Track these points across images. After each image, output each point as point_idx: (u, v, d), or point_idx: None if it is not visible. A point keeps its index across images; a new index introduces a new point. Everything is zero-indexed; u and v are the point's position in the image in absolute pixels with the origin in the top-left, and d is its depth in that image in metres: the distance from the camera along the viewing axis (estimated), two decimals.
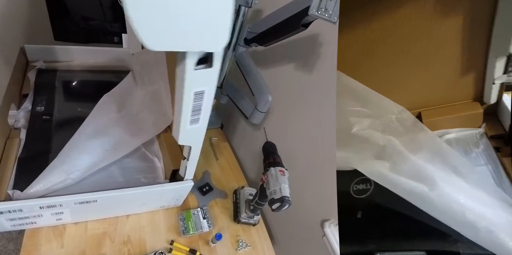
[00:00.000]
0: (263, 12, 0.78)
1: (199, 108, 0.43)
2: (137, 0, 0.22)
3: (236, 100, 0.77)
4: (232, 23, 0.75)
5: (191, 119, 0.44)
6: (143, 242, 0.59)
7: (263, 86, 0.65)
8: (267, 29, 0.61)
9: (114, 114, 0.69)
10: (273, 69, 0.76)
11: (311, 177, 0.66)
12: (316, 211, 0.64)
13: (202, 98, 0.41)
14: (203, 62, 0.36)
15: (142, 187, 0.56)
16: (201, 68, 0.36)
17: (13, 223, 0.51)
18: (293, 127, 0.71)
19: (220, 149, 0.91)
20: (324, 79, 0.60)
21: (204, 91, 0.40)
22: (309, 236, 0.67)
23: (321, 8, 0.42)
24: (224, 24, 0.28)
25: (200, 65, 0.35)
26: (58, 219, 0.54)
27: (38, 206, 0.49)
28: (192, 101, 0.40)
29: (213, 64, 0.36)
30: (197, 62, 0.35)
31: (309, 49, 0.62)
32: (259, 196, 0.63)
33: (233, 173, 0.84)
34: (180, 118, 0.43)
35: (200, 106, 0.42)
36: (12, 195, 0.50)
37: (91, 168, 0.56)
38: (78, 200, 0.51)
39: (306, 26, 0.53)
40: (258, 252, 0.67)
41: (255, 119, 0.68)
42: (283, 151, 0.64)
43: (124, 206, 0.60)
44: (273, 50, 0.75)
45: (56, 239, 0.55)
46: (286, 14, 0.54)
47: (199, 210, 0.67)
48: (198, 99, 0.40)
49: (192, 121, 0.45)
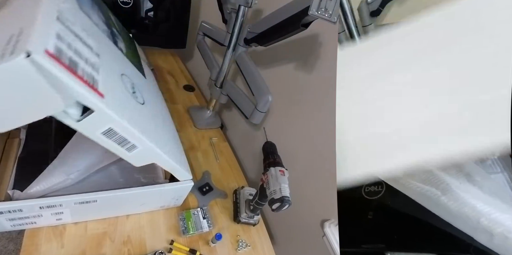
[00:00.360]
0: (263, 12, 0.78)
1: (124, 139, 0.41)
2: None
3: (236, 100, 0.77)
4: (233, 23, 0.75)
5: (126, 148, 0.44)
6: (143, 242, 0.59)
7: (263, 86, 0.65)
8: (267, 29, 0.61)
9: None
10: (273, 69, 0.76)
11: (311, 177, 0.66)
12: (316, 211, 0.64)
13: (116, 132, 0.39)
14: (85, 110, 0.36)
15: (142, 187, 0.56)
16: (84, 117, 0.36)
17: (13, 223, 0.51)
18: (293, 127, 0.71)
19: (220, 149, 0.91)
20: (324, 79, 0.60)
21: (111, 127, 0.39)
22: (309, 236, 0.67)
23: (321, 8, 0.42)
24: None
25: (82, 116, 0.36)
26: (58, 219, 0.54)
27: (38, 206, 0.49)
28: (108, 139, 0.40)
29: (93, 108, 0.35)
30: (80, 113, 0.36)
31: (309, 49, 0.62)
32: (259, 196, 0.63)
33: (233, 173, 0.84)
34: (115, 152, 0.43)
35: (123, 137, 0.41)
36: (12, 195, 0.50)
37: (90, 168, 0.56)
38: (78, 200, 0.51)
39: (306, 26, 0.53)
40: (258, 252, 0.67)
41: (255, 119, 0.68)
42: (283, 151, 0.64)
43: (124, 206, 0.60)
44: (273, 50, 0.75)
45: (56, 239, 0.55)
46: (286, 14, 0.54)
47: (199, 210, 0.67)
48: (113, 135, 0.40)
49: (129, 149, 0.44)
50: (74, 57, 0.35)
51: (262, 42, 0.66)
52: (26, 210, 0.48)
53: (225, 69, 0.81)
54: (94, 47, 0.43)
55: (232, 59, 0.77)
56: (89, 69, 0.37)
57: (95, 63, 0.40)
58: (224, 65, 0.80)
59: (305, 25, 0.52)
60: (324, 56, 0.60)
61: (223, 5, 0.77)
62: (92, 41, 0.43)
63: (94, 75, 0.38)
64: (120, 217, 0.62)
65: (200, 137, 0.92)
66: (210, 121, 0.98)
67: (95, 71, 0.39)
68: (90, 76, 0.37)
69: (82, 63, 0.36)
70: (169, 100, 1.02)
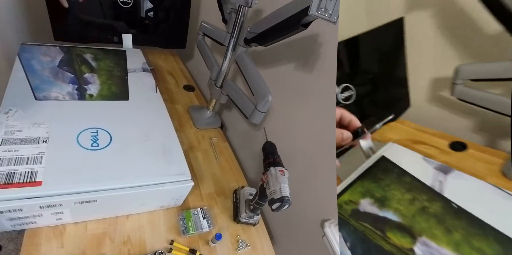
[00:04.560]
0: (263, 12, 0.78)
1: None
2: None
3: (236, 100, 0.77)
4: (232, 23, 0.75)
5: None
6: (143, 242, 0.59)
7: (263, 86, 0.65)
8: (267, 29, 0.61)
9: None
10: (273, 69, 0.76)
11: (311, 176, 0.66)
12: (316, 211, 0.64)
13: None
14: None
15: (142, 187, 0.56)
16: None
17: (13, 223, 0.51)
18: (293, 127, 0.71)
19: (220, 149, 0.91)
20: (324, 79, 0.60)
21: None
22: (309, 236, 0.67)
23: (321, 8, 0.42)
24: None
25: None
26: (58, 219, 0.54)
27: (38, 206, 0.49)
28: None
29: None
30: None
31: (309, 49, 0.62)
32: (259, 196, 0.63)
33: (233, 173, 0.84)
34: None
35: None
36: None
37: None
38: (78, 199, 0.51)
39: (306, 26, 0.53)
40: (258, 252, 0.67)
41: (255, 119, 0.68)
42: (283, 151, 0.64)
43: (124, 206, 0.60)
44: (273, 50, 0.75)
45: (56, 239, 0.55)
46: (286, 14, 0.54)
47: (199, 210, 0.67)
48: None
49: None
50: (9, 170, 0.49)
51: (262, 42, 0.66)
52: (26, 210, 0.48)
53: (225, 69, 0.81)
54: (42, 136, 0.57)
55: (232, 59, 0.77)
56: (27, 169, 0.51)
57: (38, 156, 0.53)
58: (224, 65, 0.80)
59: (305, 25, 0.52)
60: (324, 56, 0.60)
61: (223, 5, 0.77)
62: (41, 129, 0.58)
63: (33, 168, 0.51)
64: (120, 217, 0.62)
65: (200, 137, 0.92)
66: (210, 121, 0.98)
67: (37, 163, 0.52)
68: (28, 174, 0.50)
69: (19, 169, 0.50)
70: (169, 100, 1.02)
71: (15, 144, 0.54)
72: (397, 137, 0.52)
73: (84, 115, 0.66)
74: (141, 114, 0.72)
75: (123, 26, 0.98)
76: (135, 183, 0.56)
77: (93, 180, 0.53)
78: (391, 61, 0.54)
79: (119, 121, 0.67)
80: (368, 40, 0.50)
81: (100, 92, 0.75)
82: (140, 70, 0.89)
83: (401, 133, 0.51)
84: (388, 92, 0.56)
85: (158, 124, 0.71)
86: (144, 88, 0.82)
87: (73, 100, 0.69)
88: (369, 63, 0.54)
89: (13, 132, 0.56)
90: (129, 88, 0.79)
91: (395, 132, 0.52)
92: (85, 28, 0.94)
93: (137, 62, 0.92)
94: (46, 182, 0.50)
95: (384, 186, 0.46)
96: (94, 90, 0.74)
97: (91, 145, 0.59)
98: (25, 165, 0.51)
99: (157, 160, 0.61)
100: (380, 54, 0.54)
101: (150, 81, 0.86)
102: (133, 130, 0.66)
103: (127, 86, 0.80)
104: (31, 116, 0.61)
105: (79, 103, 0.69)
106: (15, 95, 0.64)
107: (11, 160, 0.51)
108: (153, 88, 0.83)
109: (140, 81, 0.84)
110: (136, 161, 0.60)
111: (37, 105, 0.64)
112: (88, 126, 0.63)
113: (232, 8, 0.72)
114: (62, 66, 0.77)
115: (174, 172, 0.60)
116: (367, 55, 0.53)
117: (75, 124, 0.62)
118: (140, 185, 0.56)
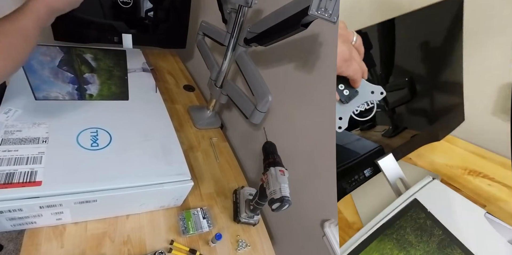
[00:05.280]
0: (263, 12, 0.78)
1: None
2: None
3: (236, 100, 0.77)
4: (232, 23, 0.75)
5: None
6: (143, 242, 0.59)
7: (263, 86, 0.65)
8: (267, 29, 0.61)
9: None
10: (273, 69, 0.76)
11: (311, 176, 0.66)
12: (316, 211, 0.64)
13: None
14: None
15: (142, 187, 0.56)
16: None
17: (13, 223, 0.51)
18: (293, 127, 0.71)
19: (220, 149, 0.91)
20: (324, 79, 0.60)
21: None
22: (309, 236, 0.67)
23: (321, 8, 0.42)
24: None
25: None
26: (58, 219, 0.54)
27: (38, 206, 0.49)
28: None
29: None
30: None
31: (309, 49, 0.62)
32: (259, 196, 0.63)
33: (233, 173, 0.84)
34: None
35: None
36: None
37: None
38: (78, 199, 0.51)
39: (306, 26, 0.53)
40: (258, 252, 0.67)
41: (255, 119, 0.68)
42: (283, 151, 0.64)
43: (124, 206, 0.60)
44: (273, 50, 0.75)
45: (56, 239, 0.55)
46: (286, 14, 0.54)
47: (199, 210, 0.67)
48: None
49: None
50: (9, 170, 0.49)
51: (262, 42, 0.66)
52: (26, 210, 0.48)
53: (225, 69, 0.81)
54: (42, 136, 0.57)
55: (232, 59, 0.77)
56: (27, 169, 0.50)
57: (38, 156, 0.53)
58: (224, 65, 0.80)
59: (305, 25, 0.52)
60: (324, 56, 0.60)
61: (223, 5, 0.77)
62: (41, 129, 0.58)
63: (33, 168, 0.51)
64: (120, 217, 0.62)
65: (200, 137, 0.92)
66: (210, 121, 0.98)
67: (36, 163, 0.52)
68: (27, 174, 0.50)
69: (19, 169, 0.50)
70: (169, 100, 1.02)
71: (15, 143, 0.54)
72: (444, 162, 0.35)
73: (84, 115, 0.66)
74: (141, 114, 0.72)
75: (123, 26, 0.98)
76: (135, 183, 0.56)
77: (93, 180, 0.53)
78: (439, 57, 0.36)
79: (119, 121, 0.67)
80: (408, 26, 0.34)
81: (100, 92, 0.75)
82: (140, 70, 0.89)
83: (451, 157, 0.35)
84: (432, 101, 0.39)
85: (158, 124, 0.71)
86: (144, 88, 0.82)
87: (73, 100, 0.69)
88: (407, 59, 0.37)
89: (13, 131, 0.56)
90: (129, 88, 0.79)
91: (443, 155, 0.35)
92: (85, 28, 0.94)
93: (137, 62, 0.92)
94: (46, 182, 0.50)
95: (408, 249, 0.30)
96: (94, 90, 0.74)
97: (91, 145, 0.59)
98: (24, 164, 0.51)
99: (157, 160, 0.61)
100: (424, 47, 0.37)
101: (150, 81, 0.86)
102: (133, 130, 0.66)
103: (127, 86, 0.80)
104: (31, 116, 0.61)
105: (79, 103, 0.69)
106: (15, 95, 0.64)
107: (11, 160, 0.51)
108: (153, 88, 0.83)
109: (140, 81, 0.84)
110: (136, 161, 0.60)
111: (37, 105, 0.64)
112: (88, 126, 0.63)
113: (232, 8, 0.72)
114: (62, 66, 0.77)
115: (174, 172, 0.60)
116: (405, 49, 0.37)
117: (75, 124, 0.62)
118: (140, 185, 0.56)
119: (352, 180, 0.39)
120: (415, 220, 0.33)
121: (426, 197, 0.33)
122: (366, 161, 0.43)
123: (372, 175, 0.38)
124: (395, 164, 0.36)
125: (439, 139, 0.35)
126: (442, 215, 0.32)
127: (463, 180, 0.34)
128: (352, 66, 0.30)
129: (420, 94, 0.40)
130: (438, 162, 0.35)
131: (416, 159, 0.36)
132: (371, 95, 0.33)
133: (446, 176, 0.36)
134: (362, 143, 0.44)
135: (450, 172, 0.34)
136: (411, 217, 0.33)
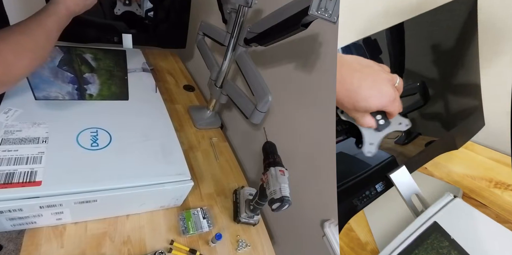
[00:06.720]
0: (263, 12, 0.78)
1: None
2: None
3: (236, 100, 0.77)
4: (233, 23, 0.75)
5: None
6: (143, 242, 0.59)
7: (263, 86, 0.65)
8: (267, 29, 0.61)
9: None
10: (273, 69, 0.76)
11: (311, 176, 0.66)
12: (316, 211, 0.64)
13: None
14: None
15: (142, 187, 0.56)
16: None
17: (13, 223, 0.51)
18: (293, 127, 0.71)
19: (220, 149, 0.91)
20: (324, 79, 0.60)
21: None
22: (309, 236, 0.67)
23: (321, 8, 0.42)
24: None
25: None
26: (58, 218, 0.54)
27: (38, 206, 0.49)
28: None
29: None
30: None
31: (309, 49, 0.62)
32: (259, 196, 0.63)
33: (233, 173, 0.84)
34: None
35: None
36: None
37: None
38: (78, 199, 0.51)
39: (306, 26, 0.53)
40: (258, 252, 0.67)
41: (255, 119, 0.68)
42: (283, 151, 0.64)
43: (124, 206, 0.60)
44: (273, 50, 0.75)
45: (56, 239, 0.55)
46: (286, 14, 0.54)
47: (199, 210, 0.67)
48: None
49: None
50: (9, 170, 0.49)
51: (262, 42, 0.66)
52: (26, 210, 0.48)
53: (225, 69, 0.81)
54: (42, 136, 0.57)
55: (232, 59, 0.77)
56: (27, 168, 0.50)
57: (37, 156, 0.53)
58: (224, 65, 0.80)
59: (305, 25, 0.52)
60: (324, 56, 0.60)
61: (223, 5, 0.77)
62: (41, 129, 0.58)
63: (33, 168, 0.51)
64: (120, 217, 0.62)
65: (200, 137, 0.92)
66: (210, 121, 0.98)
67: (36, 163, 0.52)
68: (27, 174, 0.50)
69: (19, 169, 0.50)
70: (169, 100, 1.02)
71: (14, 143, 0.54)
72: (464, 172, 0.30)
73: (84, 115, 0.66)
74: (141, 114, 0.72)
75: (123, 26, 0.98)
76: (135, 183, 0.56)
77: (93, 180, 0.53)
78: (454, 58, 0.34)
79: (119, 121, 0.67)
80: (419, 27, 0.33)
81: (100, 92, 0.75)
82: (140, 70, 0.89)
83: (472, 166, 0.31)
84: (447, 104, 0.36)
85: (158, 124, 0.71)
86: (144, 88, 0.82)
87: (73, 100, 0.69)
88: (419, 61, 0.36)
89: (12, 131, 0.56)
90: (129, 88, 0.79)
91: (462, 164, 0.31)
92: (85, 28, 0.94)
93: (137, 62, 0.92)
94: (45, 182, 0.50)
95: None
96: (94, 90, 0.74)
97: (90, 145, 0.59)
98: (24, 164, 0.51)
99: (157, 159, 0.61)
100: (437, 49, 0.35)
101: (150, 81, 0.86)
102: (133, 130, 0.66)
103: (127, 86, 0.80)
104: (31, 116, 0.61)
105: (79, 103, 0.69)
106: (15, 95, 0.64)
107: (11, 160, 0.51)
108: (153, 88, 0.83)
109: (140, 81, 0.84)
110: (136, 160, 0.60)
111: (37, 105, 0.64)
112: (87, 126, 0.63)
113: (232, 8, 0.71)
114: (62, 66, 0.77)
115: (174, 172, 0.60)
116: (417, 50, 0.35)
117: (74, 124, 0.62)
118: (140, 185, 0.56)
119: (363, 196, 0.37)
120: (437, 250, 0.28)
121: (448, 220, 0.28)
122: (377, 175, 0.41)
123: (384, 190, 0.36)
124: (409, 178, 0.34)
125: (457, 147, 0.32)
126: (469, 244, 0.26)
127: (489, 194, 0.29)
128: (396, 105, 0.34)
129: (434, 98, 0.38)
130: (457, 172, 0.32)
131: (432, 169, 0.33)
132: (399, 125, 0.38)
133: (468, 189, 0.32)
134: None
135: (472, 184, 0.30)
136: (432, 246, 0.29)
